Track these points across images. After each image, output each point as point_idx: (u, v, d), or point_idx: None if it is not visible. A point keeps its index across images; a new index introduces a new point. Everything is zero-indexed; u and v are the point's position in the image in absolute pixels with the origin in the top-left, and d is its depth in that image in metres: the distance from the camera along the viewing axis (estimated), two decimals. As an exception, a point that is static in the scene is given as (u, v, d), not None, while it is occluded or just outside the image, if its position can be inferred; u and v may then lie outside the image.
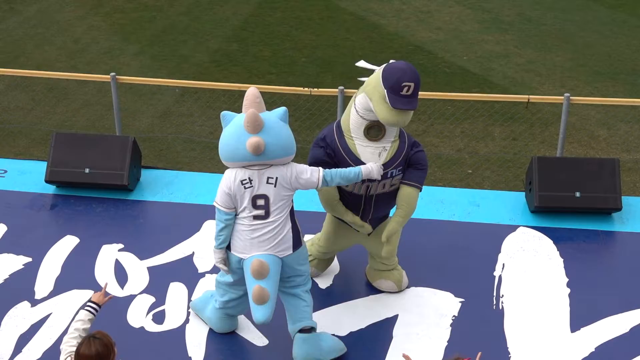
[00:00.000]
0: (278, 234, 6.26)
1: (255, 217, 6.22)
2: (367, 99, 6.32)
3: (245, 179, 6.17)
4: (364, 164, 6.45)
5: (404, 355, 5.13)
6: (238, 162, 6.19)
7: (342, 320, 7.07)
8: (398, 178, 6.64)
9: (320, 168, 6.36)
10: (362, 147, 6.48)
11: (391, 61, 6.41)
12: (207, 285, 7.48)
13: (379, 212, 6.88)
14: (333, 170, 6.39)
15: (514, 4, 16.65)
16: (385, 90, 6.12)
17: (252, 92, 6.21)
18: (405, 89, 6.08)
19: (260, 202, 6.20)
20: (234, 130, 6.17)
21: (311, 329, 6.54)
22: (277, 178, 6.19)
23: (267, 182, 6.18)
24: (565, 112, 8.89)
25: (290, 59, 13.92)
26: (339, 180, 6.39)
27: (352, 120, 6.47)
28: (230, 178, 6.21)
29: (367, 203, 6.71)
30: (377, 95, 6.20)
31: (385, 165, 6.52)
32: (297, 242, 6.37)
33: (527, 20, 15.78)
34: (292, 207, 6.40)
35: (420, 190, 6.75)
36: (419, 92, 6.23)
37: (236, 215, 6.29)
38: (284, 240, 6.28)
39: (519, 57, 14.09)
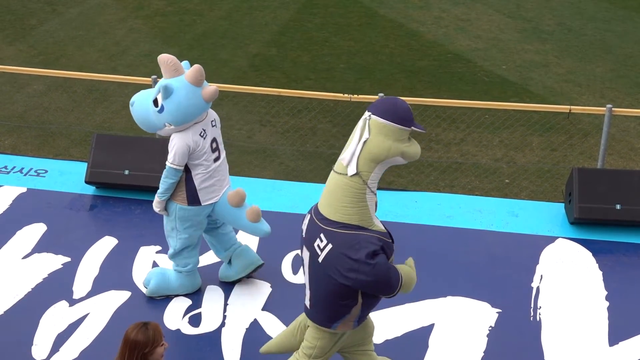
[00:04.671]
0: (226, 168, 7.16)
1: (215, 160, 6.95)
2: (391, 159, 5.37)
3: (200, 131, 6.83)
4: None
5: None
6: (196, 117, 6.79)
7: (378, 328, 7.03)
8: None
9: None
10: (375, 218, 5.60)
11: (371, 114, 5.35)
12: (242, 289, 7.53)
13: None
14: None
15: (554, 13, 16.55)
16: (412, 127, 5.33)
17: (163, 58, 6.73)
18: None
19: (214, 145, 6.96)
20: (186, 93, 6.67)
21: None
22: (216, 119, 7.05)
23: (212, 126, 6.96)
24: (607, 124, 8.81)
25: (329, 65, 13.93)
26: None
27: (369, 204, 5.48)
28: (188, 137, 6.76)
29: None
30: (399, 145, 5.31)
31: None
32: None
33: (568, 30, 15.67)
34: None
35: None
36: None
37: (187, 171, 6.87)
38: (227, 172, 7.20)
39: (558, 67, 13.99)
